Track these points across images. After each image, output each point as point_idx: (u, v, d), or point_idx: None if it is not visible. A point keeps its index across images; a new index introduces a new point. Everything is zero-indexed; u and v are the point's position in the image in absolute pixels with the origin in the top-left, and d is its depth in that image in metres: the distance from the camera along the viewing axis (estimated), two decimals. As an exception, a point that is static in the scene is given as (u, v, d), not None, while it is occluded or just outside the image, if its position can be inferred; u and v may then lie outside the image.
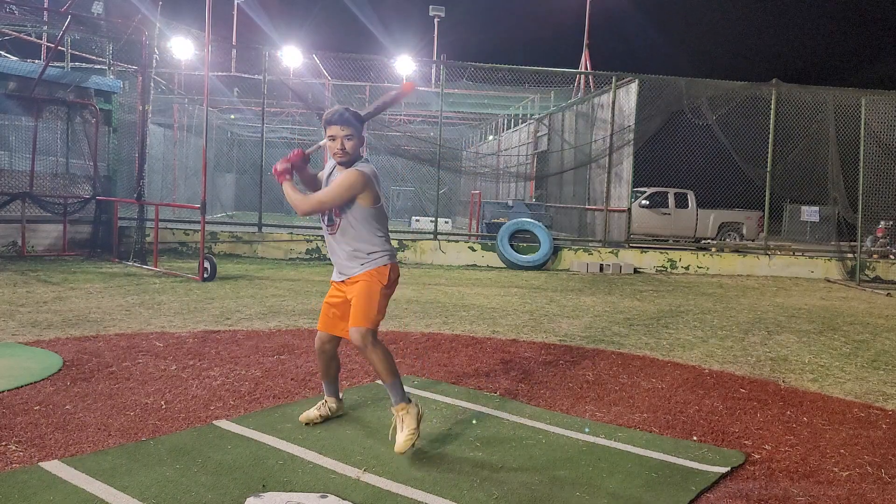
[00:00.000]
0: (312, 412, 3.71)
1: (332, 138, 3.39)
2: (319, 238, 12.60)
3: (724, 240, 17.55)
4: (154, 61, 11.61)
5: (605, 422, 3.98)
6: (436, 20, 30.72)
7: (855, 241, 12.95)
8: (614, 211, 14.01)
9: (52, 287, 7.89)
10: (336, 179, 3.40)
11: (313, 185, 3.60)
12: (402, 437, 3.26)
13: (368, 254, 3.44)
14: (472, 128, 27.52)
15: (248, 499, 2.78)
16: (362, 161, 3.46)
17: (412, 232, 15.67)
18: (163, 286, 8.31)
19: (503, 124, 24.45)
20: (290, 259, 12.27)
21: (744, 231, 17.91)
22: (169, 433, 3.48)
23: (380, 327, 3.62)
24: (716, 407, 4.36)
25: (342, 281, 3.53)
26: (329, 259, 3.92)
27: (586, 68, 23.69)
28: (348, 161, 3.43)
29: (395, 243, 10.20)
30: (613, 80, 13.94)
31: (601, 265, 12.57)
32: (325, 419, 3.72)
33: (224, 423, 3.63)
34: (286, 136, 24.58)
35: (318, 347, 3.69)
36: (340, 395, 3.86)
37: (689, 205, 17.53)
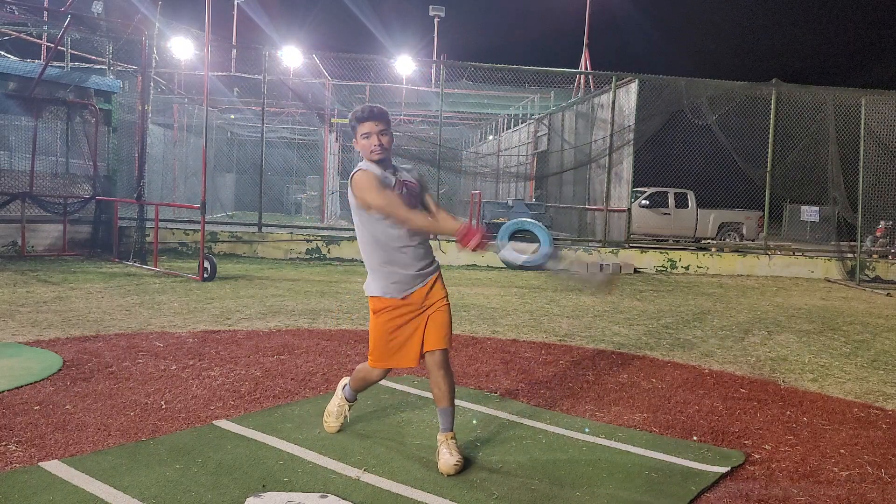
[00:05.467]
0: (336, 423, 3.60)
1: (367, 135, 3.18)
2: (319, 238, 12.60)
3: (724, 240, 17.54)
4: (154, 61, 11.61)
5: (605, 422, 3.98)
6: (436, 20, 30.71)
7: (855, 241, 12.95)
8: (614, 211, 14.01)
9: (52, 287, 7.89)
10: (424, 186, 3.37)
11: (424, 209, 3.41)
12: (452, 461, 3.14)
13: (432, 254, 3.42)
14: (472, 128, 27.51)
15: (248, 499, 2.78)
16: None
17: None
18: (163, 286, 8.31)
19: (503, 124, 24.45)
20: (290, 259, 12.27)
21: (744, 231, 17.89)
22: (169, 433, 3.48)
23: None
24: (716, 407, 4.36)
25: (417, 291, 3.29)
26: (331, 261, 3.85)
27: (586, 68, 23.67)
28: (387, 157, 3.25)
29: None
30: (613, 80, 13.93)
31: (601, 265, 12.56)
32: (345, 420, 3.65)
33: (224, 423, 3.63)
34: (286, 136, 24.57)
35: (370, 379, 3.44)
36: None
37: (689, 205, 17.51)
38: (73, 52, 13.86)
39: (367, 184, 3.12)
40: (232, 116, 23.63)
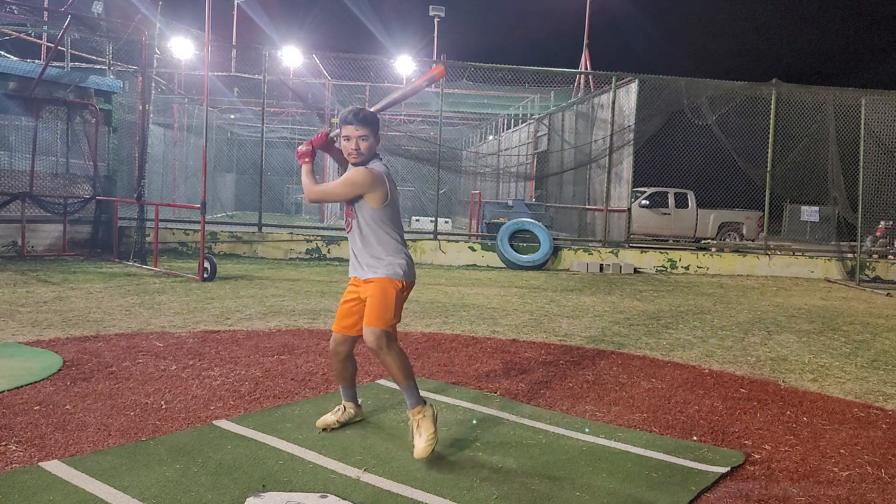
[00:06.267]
0: (329, 418, 3.63)
1: (347, 138, 3.34)
2: (319, 238, 12.61)
3: (724, 240, 17.54)
4: (154, 61, 11.61)
5: (605, 422, 3.98)
6: (436, 20, 30.68)
7: (855, 241, 12.95)
8: (614, 211, 14.01)
9: (52, 287, 7.89)
10: (344, 175, 3.40)
11: (346, 163, 3.54)
12: (422, 444, 3.23)
13: (381, 260, 3.39)
14: (472, 128, 27.51)
15: (248, 499, 2.78)
16: (376, 160, 3.42)
17: (412, 232, 15.66)
18: (163, 286, 8.31)
19: (503, 124, 24.45)
20: (290, 259, 12.26)
21: (744, 231, 17.91)
22: (169, 433, 3.48)
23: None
24: (716, 407, 4.36)
25: (360, 278, 3.48)
26: (331, 261, 3.91)
27: (586, 68, 23.68)
28: (363, 162, 3.38)
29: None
30: (613, 80, 13.93)
31: (601, 265, 12.57)
32: (343, 425, 3.65)
33: (224, 423, 3.63)
34: (286, 136, 24.57)
35: (331, 349, 3.60)
36: (359, 400, 3.77)
37: (689, 205, 17.52)
38: (73, 52, 13.85)
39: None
40: (232, 116, 23.64)
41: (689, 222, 17.51)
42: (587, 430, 3.79)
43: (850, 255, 13.22)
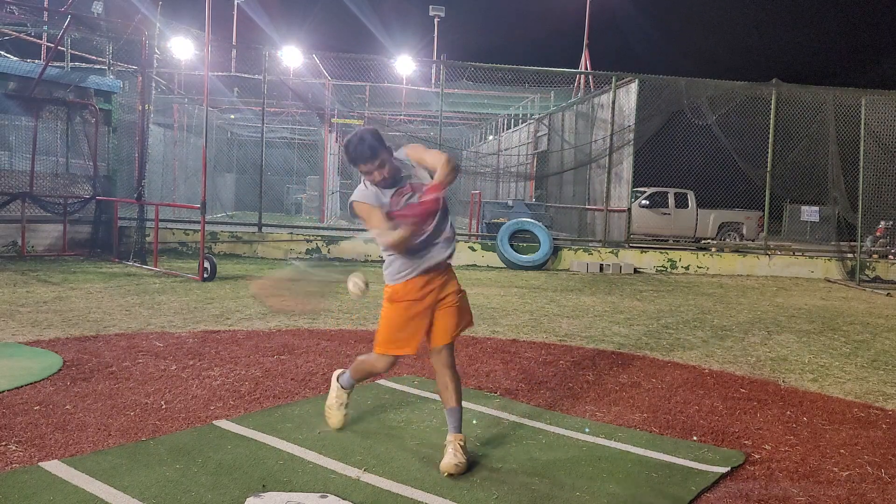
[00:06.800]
0: (339, 413, 3.62)
1: (367, 172, 3.21)
2: (319, 238, 12.61)
3: (724, 240, 17.54)
4: (154, 61, 11.61)
5: (605, 422, 3.98)
6: (436, 20, 30.70)
7: (855, 241, 12.95)
8: (614, 211, 14.00)
9: (52, 287, 7.89)
10: None
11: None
12: (452, 461, 3.14)
13: (385, 269, 3.40)
14: (472, 128, 27.51)
15: (248, 499, 2.78)
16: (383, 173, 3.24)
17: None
18: (163, 286, 8.30)
19: (503, 124, 24.45)
20: (290, 259, 12.26)
21: (744, 231, 17.91)
22: (169, 433, 3.48)
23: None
24: (716, 407, 4.36)
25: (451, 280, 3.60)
26: (331, 261, 3.84)
27: (586, 68, 23.68)
28: (392, 178, 3.24)
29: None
30: (613, 80, 13.93)
31: (601, 265, 12.57)
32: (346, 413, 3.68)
33: (224, 423, 3.63)
34: (286, 136, 24.57)
35: (381, 368, 3.57)
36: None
37: (689, 205, 17.52)
38: (73, 52, 13.86)
39: (364, 216, 3.25)
40: (232, 116, 23.63)
41: (689, 222, 17.51)
42: (587, 430, 3.79)
43: (850, 255, 13.22)
